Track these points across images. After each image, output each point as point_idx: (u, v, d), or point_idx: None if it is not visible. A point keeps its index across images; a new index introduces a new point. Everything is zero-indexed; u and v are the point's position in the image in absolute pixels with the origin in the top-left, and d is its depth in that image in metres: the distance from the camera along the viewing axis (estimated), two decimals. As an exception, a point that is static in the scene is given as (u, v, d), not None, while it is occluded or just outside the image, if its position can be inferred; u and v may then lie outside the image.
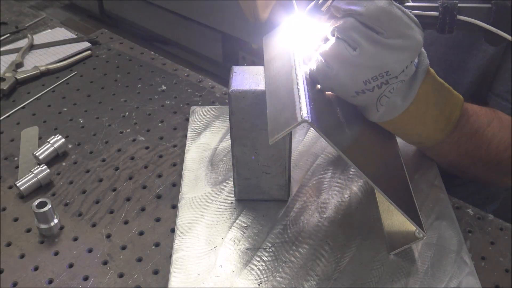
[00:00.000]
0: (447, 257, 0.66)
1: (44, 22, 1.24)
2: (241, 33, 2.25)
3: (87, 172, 0.84)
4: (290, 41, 0.65)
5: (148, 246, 0.72)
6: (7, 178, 0.83)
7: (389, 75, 0.60)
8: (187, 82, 1.04)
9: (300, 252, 0.67)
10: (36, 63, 1.08)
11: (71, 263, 0.70)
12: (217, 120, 0.88)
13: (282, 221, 0.71)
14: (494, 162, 0.74)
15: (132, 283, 0.67)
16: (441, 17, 0.61)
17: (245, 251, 0.67)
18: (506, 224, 0.75)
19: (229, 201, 0.74)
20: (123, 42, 1.17)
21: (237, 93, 0.63)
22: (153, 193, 0.80)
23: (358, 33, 0.58)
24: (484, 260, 0.70)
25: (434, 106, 0.66)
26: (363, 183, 0.76)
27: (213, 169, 0.79)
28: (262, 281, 0.64)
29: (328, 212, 0.72)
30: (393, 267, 0.65)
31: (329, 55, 0.60)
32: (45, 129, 0.93)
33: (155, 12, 2.60)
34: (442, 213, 0.72)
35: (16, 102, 1.00)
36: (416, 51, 0.61)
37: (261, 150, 0.68)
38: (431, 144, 0.71)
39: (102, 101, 0.99)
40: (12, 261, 0.70)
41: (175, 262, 0.66)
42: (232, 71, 0.66)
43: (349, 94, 0.62)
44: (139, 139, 0.90)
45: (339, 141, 0.57)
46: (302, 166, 0.79)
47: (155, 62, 1.11)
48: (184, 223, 0.71)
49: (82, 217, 0.76)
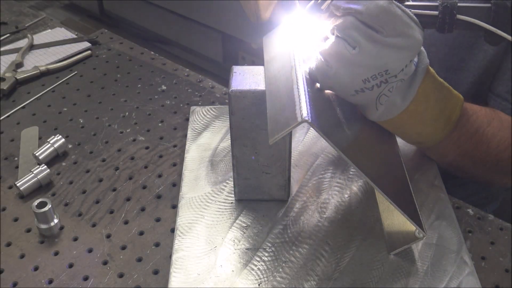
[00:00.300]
0: (447, 257, 0.66)
1: (44, 22, 1.24)
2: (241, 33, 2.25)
3: (87, 172, 0.84)
4: (290, 41, 0.65)
5: (148, 246, 0.72)
6: (7, 178, 0.83)
7: (388, 74, 0.60)
8: (187, 82, 1.04)
9: (300, 252, 0.67)
10: (36, 63, 1.08)
11: (71, 263, 0.70)
12: (217, 120, 0.88)
13: (282, 221, 0.71)
14: (494, 162, 0.74)
15: (132, 283, 0.67)
16: (440, 16, 0.61)
17: (245, 251, 0.67)
18: (506, 224, 0.75)
19: (229, 201, 0.74)
20: (123, 42, 1.17)
21: (237, 93, 0.63)
22: (153, 193, 0.80)
23: (358, 32, 0.58)
24: (484, 260, 0.70)
25: (434, 106, 0.66)
26: (363, 183, 0.76)
27: (213, 169, 0.79)
28: (262, 281, 0.64)
29: (328, 212, 0.72)
30: (393, 267, 0.65)
31: (328, 53, 0.60)
32: (45, 129, 0.93)
33: (155, 12, 2.60)
34: (442, 213, 0.72)
35: (16, 102, 1.00)
36: (416, 50, 0.61)
37: (261, 150, 0.68)
38: (431, 143, 0.71)
39: (102, 101, 0.99)
40: (12, 261, 0.70)
41: (175, 262, 0.66)
42: (232, 71, 0.66)
43: (348, 93, 0.62)
44: (139, 139, 0.90)
45: (339, 141, 0.57)
46: (302, 166, 0.79)
47: (155, 62, 1.10)
48: (184, 223, 0.71)
49: (82, 217, 0.76)
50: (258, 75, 0.65)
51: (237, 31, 2.26)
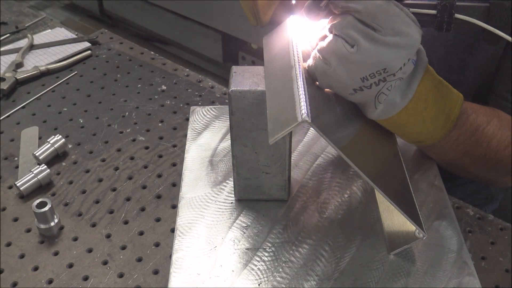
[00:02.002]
0: (447, 257, 0.66)
1: (44, 22, 1.24)
2: (241, 33, 2.25)
3: (87, 172, 0.84)
4: (290, 41, 0.65)
5: (148, 246, 0.72)
6: (7, 178, 0.83)
7: (386, 73, 0.60)
8: (187, 82, 1.04)
9: (300, 252, 0.67)
10: (36, 63, 1.08)
11: (71, 263, 0.70)
12: (217, 120, 0.88)
13: (282, 221, 0.71)
14: (494, 161, 0.74)
15: (132, 283, 0.67)
16: (439, 15, 0.61)
17: (245, 251, 0.67)
18: (506, 224, 0.75)
19: (229, 201, 0.74)
20: (123, 42, 1.17)
21: (237, 93, 0.63)
22: (153, 193, 0.80)
23: (356, 31, 0.58)
24: (484, 260, 0.70)
25: (433, 104, 0.66)
26: (363, 183, 0.76)
27: (213, 169, 0.79)
28: (262, 281, 0.64)
29: (328, 212, 0.72)
30: (393, 267, 0.65)
31: (326, 51, 0.60)
32: (45, 129, 0.93)
33: (155, 12, 2.60)
34: (442, 213, 0.72)
35: (16, 102, 1.00)
36: (414, 48, 0.61)
37: (261, 150, 0.68)
38: (431, 142, 0.71)
39: (102, 101, 1.00)
40: (12, 261, 0.70)
41: (175, 262, 0.66)
42: (232, 71, 0.66)
43: (347, 92, 0.62)
44: (139, 139, 0.90)
45: (339, 141, 0.57)
46: (302, 166, 0.79)
47: (155, 62, 1.11)
48: (184, 223, 0.71)
49: (82, 217, 0.76)
50: (258, 75, 0.65)
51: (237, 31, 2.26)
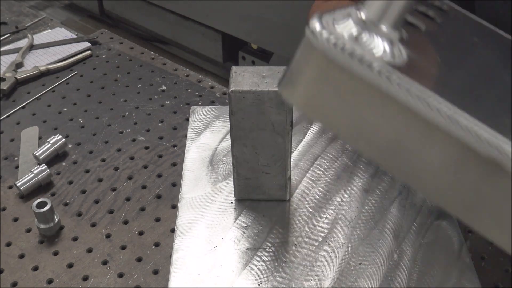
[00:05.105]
0: (447, 257, 0.66)
1: (44, 22, 1.24)
2: (241, 33, 2.25)
3: (87, 172, 0.84)
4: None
5: (148, 246, 0.72)
6: (7, 178, 0.83)
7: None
8: (187, 82, 1.04)
9: (300, 252, 0.67)
10: (36, 63, 1.08)
11: (71, 263, 0.70)
12: (217, 120, 0.88)
13: (282, 221, 0.71)
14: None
15: (132, 283, 0.67)
16: None
17: (245, 251, 0.67)
18: (506, 224, 0.75)
19: (229, 201, 0.74)
20: (123, 42, 1.17)
21: (237, 93, 0.63)
22: (153, 193, 0.80)
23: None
24: (484, 260, 0.70)
25: None
26: (363, 183, 0.76)
27: (213, 169, 0.79)
28: (262, 281, 0.64)
29: (328, 212, 0.72)
30: (393, 267, 0.65)
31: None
32: (45, 129, 0.93)
33: (155, 12, 2.60)
34: (442, 213, 0.72)
35: (16, 102, 1.00)
36: None
37: (261, 150, 0.68)
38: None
39: (102, 101, 1.00)
40: (12, 261, 0.70)
41: (175, 262, 0.66)
42: (232, 71, 0.66)
43: None
44: (139, 139, 0.90)
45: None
46: (302, 166, 0.79)
47: (155, 62, 1.11)
48: (184, 223, 0.71)
49: (82, 217, 0.76)
50: (258, 75, 0.65)
51: (237, 31, 2.26)
